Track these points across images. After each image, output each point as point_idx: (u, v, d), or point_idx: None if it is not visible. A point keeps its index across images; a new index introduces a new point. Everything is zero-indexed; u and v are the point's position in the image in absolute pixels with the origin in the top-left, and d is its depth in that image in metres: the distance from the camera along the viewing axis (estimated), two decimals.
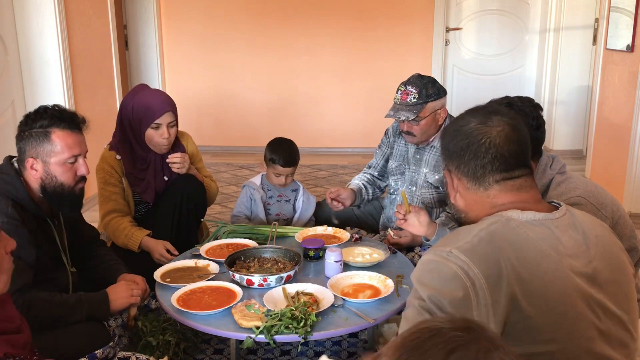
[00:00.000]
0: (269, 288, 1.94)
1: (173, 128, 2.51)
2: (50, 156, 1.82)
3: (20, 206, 1.80)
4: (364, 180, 2.83)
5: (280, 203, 2.77)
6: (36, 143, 1.81)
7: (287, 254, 2.16)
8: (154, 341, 1.97)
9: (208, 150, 5.53)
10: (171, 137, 2.50)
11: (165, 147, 2.52)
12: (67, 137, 1.83)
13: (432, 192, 2.59)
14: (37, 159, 1.82)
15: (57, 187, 1.84)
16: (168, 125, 2.47)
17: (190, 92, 5.69)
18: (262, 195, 2.75)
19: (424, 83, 2.47)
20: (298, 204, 2.78)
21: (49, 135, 1.81)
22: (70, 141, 1.84)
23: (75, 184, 1.89)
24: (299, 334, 1.69)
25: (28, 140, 1.82)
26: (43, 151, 1.81)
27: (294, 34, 5.54)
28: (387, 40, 5.50)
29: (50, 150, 1.81)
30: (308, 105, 5.69)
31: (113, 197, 2.48)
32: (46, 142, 1.81)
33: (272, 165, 2.69)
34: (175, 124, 2.53)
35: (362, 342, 2.19)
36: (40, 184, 1.84)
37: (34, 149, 1.82)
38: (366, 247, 2.31)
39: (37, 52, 3.63)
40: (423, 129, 2.50)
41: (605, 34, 4.10)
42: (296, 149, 2.75)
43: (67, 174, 1.85)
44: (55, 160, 1.82)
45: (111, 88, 4.36)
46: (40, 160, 1.82)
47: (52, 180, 1.83)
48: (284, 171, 2.69)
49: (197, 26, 5.59)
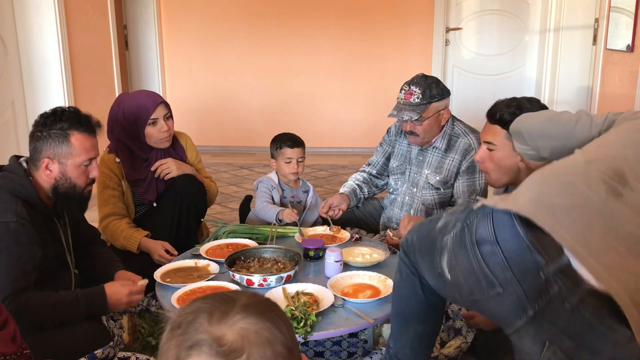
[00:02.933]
0: (269, 288, 1.94)
1: (169, 120, 2.54)
2: (68, 158, 1.85)
3: (29, 205, 1.82)
4: (358, 180, 2.82)
5: (292, 204, 2.75)
6: (54, 144, 1.84)
7: (287, 254, 2.16)
8: (153, 341, 1.97)
9: (208, 151, 5.53)
10: (170, 129, 2.53)
11: (166, 140, 2.54)
12: (84, 140, 1.87)
13: (433, 194, 2.59)
14: (53, 160, 1.85)
15: (69, 189, 1.88)
16: (164, 117, 2.50)
17: (191, 92, 5.69)
18: (280, 194, 2.73)
19: (428, 83, 2.47)
20: (307, 204, 2.78)
21: (68, 137, 1.84)
22: (87, 144, 1.88)
23: (85, 186, 1.93)
24: (299, 334, 1.69)
25: (46, 141, 1.84)
26: (61, 152, 1.85)
27: (294, 34, 5.54)
28: (387, 40, 5.49)
29: (68, 152, 1.85)
30: (308, 106, 5.69)
31: (111, 201, 2.48)
32: (65, 144, 1.84)
33: (281, 151, 2.67)
34: (170, 116, 2.55)
35: (362, 342, 2.19)
36: (54, 184, 1.87)
37: (52, 150, 1.84)
38: (366, 247, 2.31)
39: (37, 52, 3.63)
40: (426, 130, 2.50)
41: (605, 34, 4.10)
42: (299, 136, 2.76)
43: (81, 176, 1.89)
44: (71, 162, 1.86)
45: (111, 88, 4.36)
46: (57, 161, 1.85)
47: (66, 181, 1.87)
48: (293, 153, 2.66)
49: (197, 26, 5.59)
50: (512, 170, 1.87)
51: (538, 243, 1.17)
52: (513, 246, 1.21)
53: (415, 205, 2.64)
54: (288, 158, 2.66)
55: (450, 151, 2.55)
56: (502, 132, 1.85)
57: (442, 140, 2.55)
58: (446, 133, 2.55)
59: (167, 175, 2.52)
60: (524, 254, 1.19)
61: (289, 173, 2.68)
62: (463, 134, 2.54)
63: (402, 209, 2.68)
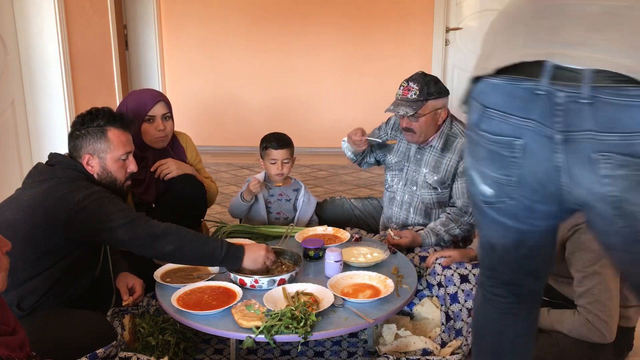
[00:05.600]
0: (261, 290, 1.94)
1: (168, 121, 2.52)
2: (107, 152, 1.97)
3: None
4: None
5: (280, 202, 2.76)
6: (93, 140, 1.96)
7: (292, 257, 2.15)
8: (153, 341, 1.97)
9: (208, 151, 5.53)
10: (167, 129, 2.51)
11: (162, 140, 2.52)
12: (120, 135, 1.99)
13: (431, 193, 2.59)
14: (93, 155, 1.96)
15: (110, 183, 1.99)
16: (162, 117, 2.49)
17: (191, 92, 5.69)
18: (265, 193, 2.74)
19: (426, 81, 2.48)
20: (298, 203, 2.77)
21: (105, 133, 1.97)
22: (123, 138, 2.00)
23: (125, 180, 2.04)
24: (299, 334, 1.69)
25: (85, 138, 1.96)
26: (100, 148, 1.96)
27: (294, 33, 5.54)
28: (387, 40, 5.49)
29: (106, 147, 1.97)
30: (308, 105, 5.69)
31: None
32: (103, 139, 1.96)
33: (266, 152, 2.68)
34: (170, 117, 2.54)
35: (362, 342, 2.19)
36: (97, 178, 1.97)
37: (91, 146, 1.96)
38: (366, 247, 2.31)
39: (37, 52, 3.62)
40: (422, 127, 2.50)
41: None
42: (288, 137, 2.74)
43: (120, 170, 2.01)
44: (110, 156, 1.97)
45: (111, 88, 4.36)
46: (97, 156, 1.97)
47: (107, 175, 1.98)
48: (278, 154, 2.66)
49: (197, 26, 5.59)
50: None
51: (517, 74, 1.12)
52: (499, 99, 1.17)
53: (415, 204, 2.64)
54: (273, 159, 2.67)
55: (447, 151, 2.55)
56: None
57: (439, 139, 2.56)
58: (444, 133, 2.55)
59: (167, 176, 2.52)
60: (512, 91, 1.13)
61: (274, 174, 2.69)
62: (461, 134, 2.55)
63: (402, 208, 2.68)
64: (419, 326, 2.21)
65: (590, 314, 1.81)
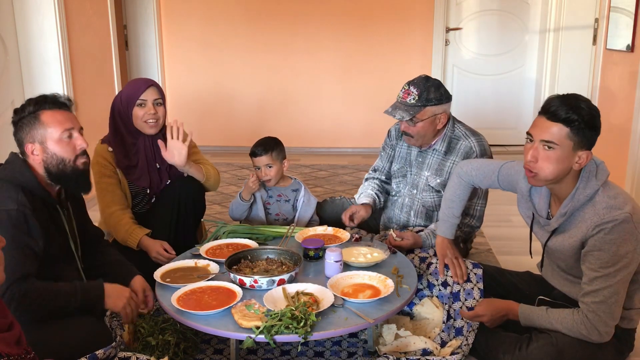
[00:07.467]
0: (261, 290, 1.94)
1: (160, 107, 2.54)
2: (45, 136, 1.88)
3: (30, 193, 1.85)
4: (375, 189, 2.77)
5: (279, 203, 2.76)
6: (29, 128, 1.88)
7: (292, 257, 2.15)
8: (153, 341, 1.97)
9: (208, 150, 5.52)
10: (158, 114, 2.53)
11: (152, 126, 2.53)
12: (55, 114, 1.90)
13: (433, 196, 2.59)
14: (34, 143, 1.88)
15: (59, 165, 1.90)
16: (153, 101, 2.51)
17: (190, 92, 5.69)
18: (263, 194, 2.74)
19: (427, 86, 2.46)
20: (298, 204, 2.77)
21: (38, 117, 1.88)
22: (59, 117, 1.90)
23: (75, 158, 1.93)
24: (299, 334, 1.69)
25: (22, 129, 1.89)
26: (37, 134, 1.88)
27: (294, 33, 5.54)
28: (387, 40, 5.49)
29: (43, 131, 1.88)
30: (308, 105, 5.69)
31: (110, 189, 2.51)
32: (38, 124, 1.88)
33: (252, 159, 2.71)
34: (162, 103, 2.56)
35: (362, 342, 2.19)
36: (44, 166, 1.90)
37: (29, 134, 1.88)
38: (366, 247, 2.31)
39: (37, 52, 3.63)
40: (419, 132, 2.50)
41: (605, 34, 4.10)
42: (274, 141, 2.73)
43: (66, 149, 1.91)
44: (50, 139, 1.88)
45: (111, 88, 4.36)
46: (38, 142, 1.88)
47: (53, 158, 1.89)
48: (259, 161, 2.67)
49: (197, 26, 5.59)
50: (565, 170, 1.81)
51: None
52: None
53: (415, 207, 2.64)
54: (256, 166, 2.69)
55: (450, 154, 2.54)
56: (565, 131, 1.77)
57: (442, 142, 2.55)
58: (446, 135, 2.55)
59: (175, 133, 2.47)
60: None
61: (262, 179, 2.71)
62: (464, 136, 2.54)
63: (402, 210, 2.68)
64: (419, 326, 2.21)
65: (592, 313, 1.81)
